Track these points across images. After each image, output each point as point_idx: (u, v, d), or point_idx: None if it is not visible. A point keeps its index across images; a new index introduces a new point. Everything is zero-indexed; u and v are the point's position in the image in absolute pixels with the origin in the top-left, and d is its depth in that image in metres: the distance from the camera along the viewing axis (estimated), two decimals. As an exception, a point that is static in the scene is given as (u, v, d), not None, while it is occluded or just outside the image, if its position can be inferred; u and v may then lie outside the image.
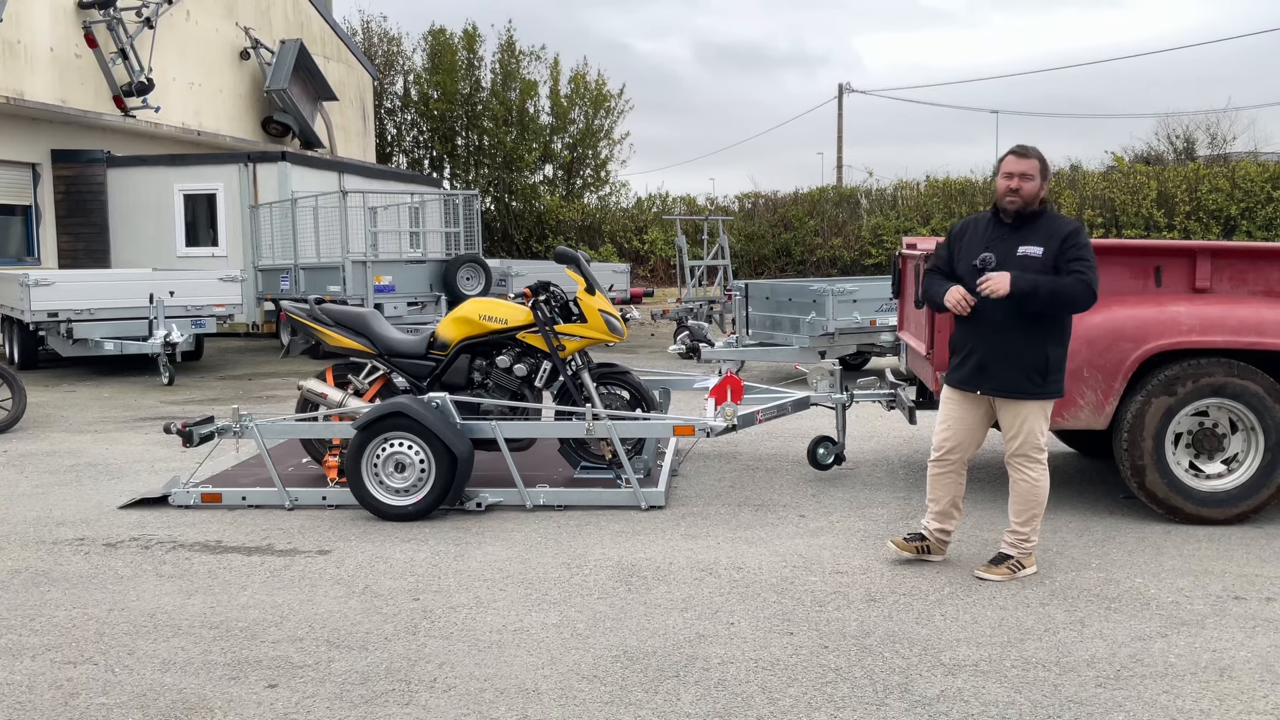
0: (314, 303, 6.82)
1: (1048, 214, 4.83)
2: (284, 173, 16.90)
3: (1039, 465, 4.91)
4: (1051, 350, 4.80)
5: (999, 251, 4.80)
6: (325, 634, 4.36)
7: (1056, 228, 4.77)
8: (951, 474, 5.09)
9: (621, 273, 18.93)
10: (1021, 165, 4.74)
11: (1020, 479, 4.94)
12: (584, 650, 4.16)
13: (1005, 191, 4.78)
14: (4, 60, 16.40)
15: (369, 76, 27.77)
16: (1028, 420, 4.86)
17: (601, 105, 32.15)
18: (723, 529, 5.82)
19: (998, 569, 4.96)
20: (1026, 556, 5.01)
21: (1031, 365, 4.77)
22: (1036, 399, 4.84)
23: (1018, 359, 4.77)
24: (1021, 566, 4.98)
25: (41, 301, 12.05)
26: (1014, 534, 5.01)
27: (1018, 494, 4.97)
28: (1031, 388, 4.80)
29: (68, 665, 4.06)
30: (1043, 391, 4.82)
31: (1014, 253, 4.76)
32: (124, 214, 17.88)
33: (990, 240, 4.87)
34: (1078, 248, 4.71)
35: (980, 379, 4.88)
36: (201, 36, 20.99)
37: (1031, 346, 4.77)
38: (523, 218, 30.93)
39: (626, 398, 6.72)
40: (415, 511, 5.98)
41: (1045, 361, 4.78)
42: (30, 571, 5.21)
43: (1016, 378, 4.79)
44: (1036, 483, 4.92)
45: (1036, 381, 4.79)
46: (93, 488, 7.02)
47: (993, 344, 4.80)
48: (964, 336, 4.94)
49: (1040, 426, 4.88)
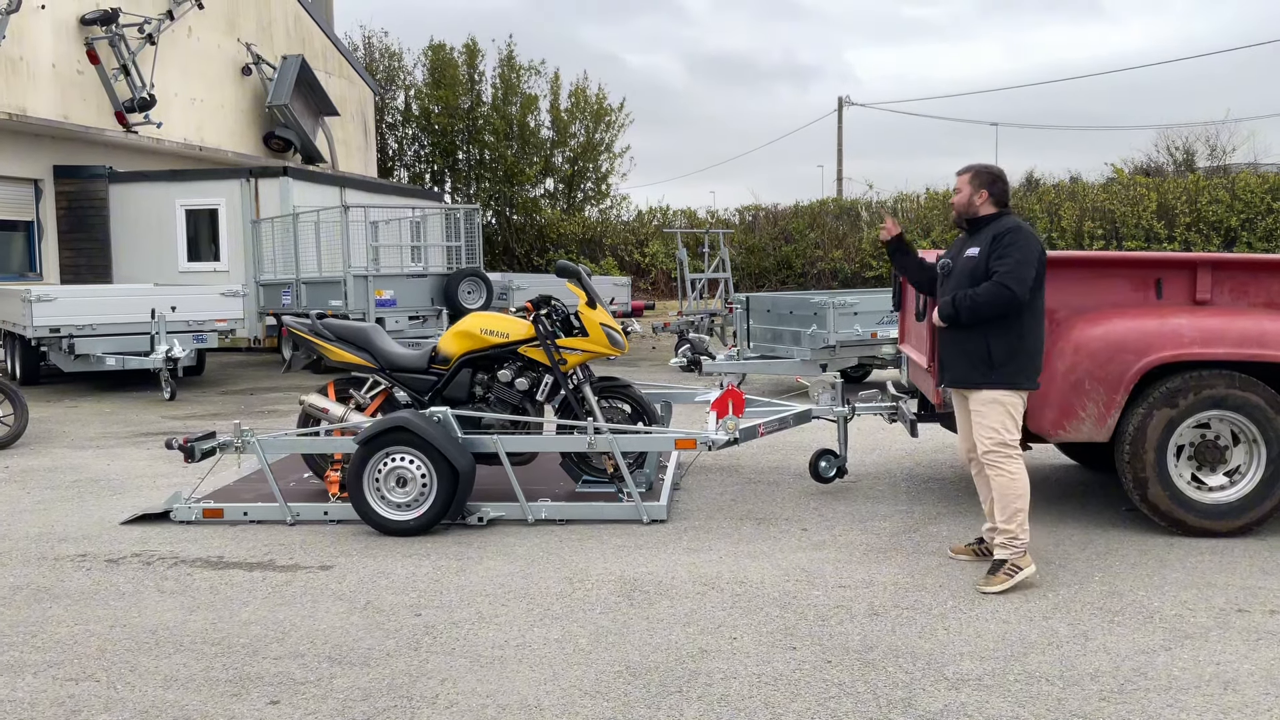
0: (315, 318, 6.83)
1: (997, 219, 5.15)
2: (285, 188, 16.92)
3: (1010, 460, 5.07)
4: (994, 341, 5.03)
5: (954, 255, 5.28)
6: (327, 650, 4.35)
7: (994, 229, 5.10)
8: (981, 474, 5.35)
9: (623, 286, 18.95)
10: (957, 181, 5.29)
11: (994, 475, 5.10)
12: (586, 666, 4.15)
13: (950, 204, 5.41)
14: (6, 77, 16.45)
15: (370, 91, 27.85)
16: (984, 413, 5.09)
17: (602, 119, 32.22)
18: (725, 543, 5.81)
19: (996, 578, 5.01)
20: (1020, 556, 5.07)
21: (975, 355, 5.08)
22: (986, 388, 5.08)
23: (962, 350, 5.14)
24: (1019, 568, 5.03)
25: (43, 317, 12.06)
26: (1001, 534, 5.11)
27: (997, 490, 5.12)
28: (979, 377, 5.08)
29: (69, 682, 4.06)
30: (989, 381, 5.06)
31: (962, 254, 5.19)
32: (126, 229, 17.91)
33: (956, 248, 5.35)
34: (1002, 248, 5.00)
35: (943, 373, 5.33)
36: (203, 52, 21.05)
37: (974, 337, 5.08)
38: (524, 231, 30.98)
39: (628, 411, 6.72)
40: (417, 526, 5.97)
41: (988, 351, 5.04)
42: (32, 588, 5.20)
43: (964, 368, 5.15)
44: (1012, 477, 5.07)
45: (983, 371, 5.07)
46: (95, 504, 7.02)
47: (945, 340, 5.27)
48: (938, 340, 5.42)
49: (1001, 421, 5.07)
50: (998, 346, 5.03)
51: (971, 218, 5.23)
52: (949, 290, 5.19)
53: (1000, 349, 5.03)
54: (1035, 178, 34.35)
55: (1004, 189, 5.22)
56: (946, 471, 7.62)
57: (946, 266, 5.29)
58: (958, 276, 5.17)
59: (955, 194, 5.29)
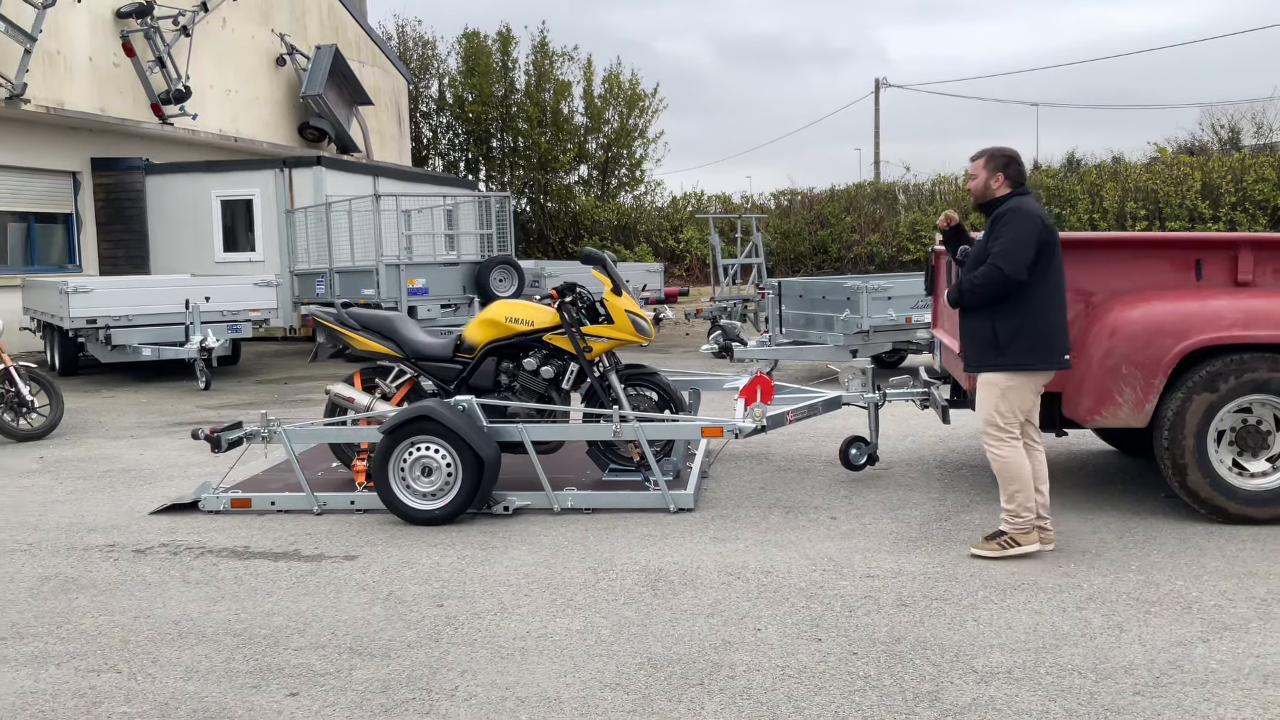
0: (340, 307, 6.81)
1: (1005, 202, 5.13)
2: (319, 177, 16.98)
3: (1001, 443, 5.13)
4: (998, 324, 5.05)
5: (977, 242, 5.28)
6: (348, 641, 4.33)
7: (995, 214, 5.12)
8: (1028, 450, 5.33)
9: (655, 272, 18.85)
10: (970, 168, 5.29)
11: (990, 457, 5.21)
12: (608, 658, 4.10)
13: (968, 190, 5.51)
14: (44, 71, 16.60)
15: (404, 80, 27.89)
16: (984, 395, 5.15)
17: (635, 105, 32.08)
18: (752, 532, 5.73)
19: (990, 544, 5.16)
20: (1022, 534, 5.14)
21: (982, 339, 5.11)
22: (991, 371, 5.12)
23: (971, 334, 5.18)
24: (1016, 543, 5.13)
25: (80, 308, 12.18)
26: (1005, 511, 5.20)
27: (995, 471, 5.21)
28: (985, 360, 5.12)
29: (91, 673, 4.06)
30: (995, 364, 5.09)
31: (978, 241, 5.24)
32: (163, 220, 18.06)
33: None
34: (997, 230, 5.04)
35: (964, 361, 5.32)
36: (238, 44, 21.16)
37: (980, 320, 5.11)
38: (558, 219, 30.96)
39: (655, 399, 6.64)
40: (442, 516, 5.95)
41: (993, 334, 5.06)
42: (60, 578, 5.23)
43: (973, 352, 5.19)
44: (1003, 459, 5.13)
45: (989, 354, 5.09)
46: (125, 493, 7.06)
47: (960, 326, 5.30)
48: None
49: (996, 403, 5.11)
50: (1002, 329, 5.06)
51: (989, 202, 5.20)
52: (964, 272, 5.23)
53: (1005, 331, 5.05)
54: (1076, 158, 33.83)
55: (1020, 170, 5.22)
56: (980, 458, 7.48)
57: (966, 253, 5.32)
58: (971, 261, 5.21)
59: (971, 180, 5.28)
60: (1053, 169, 31.06)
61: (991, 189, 5.19)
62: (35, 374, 9.23)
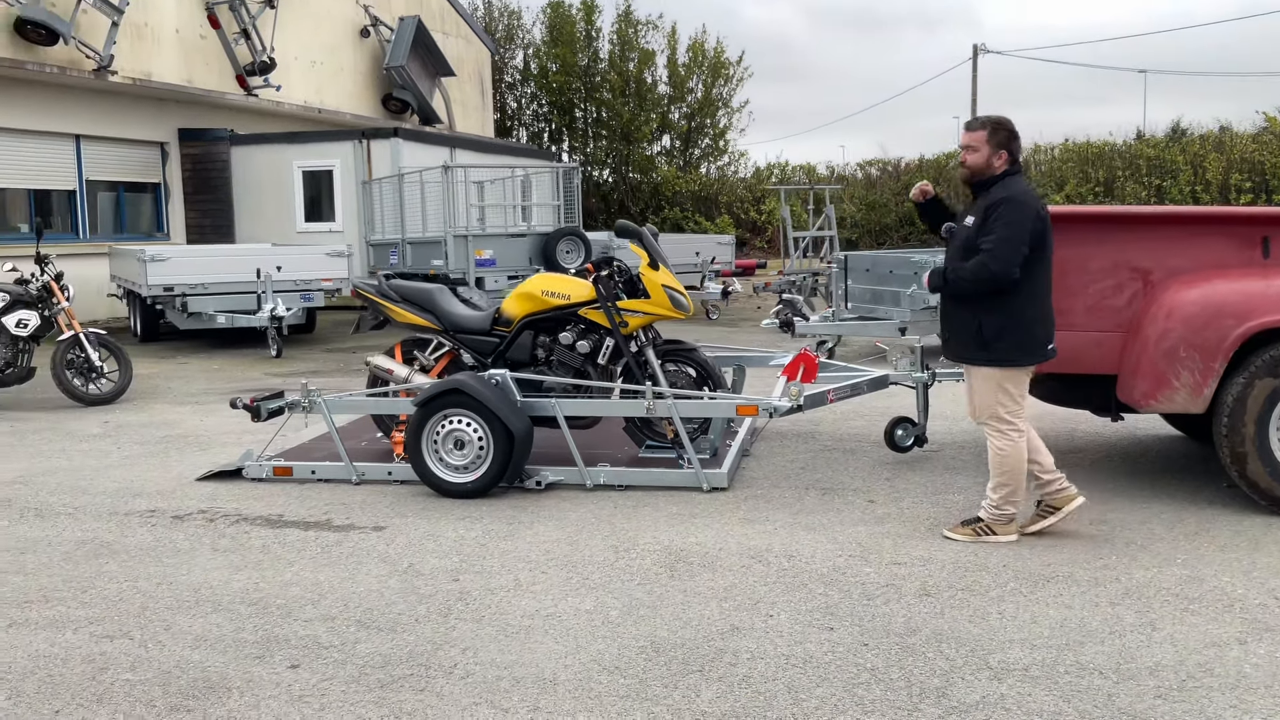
0: (382, 278, 6.83)
1: (1000, 182, 4.86)
2: (396, 148, 17.13)
3: (1003, 436, 4.97)
4: (984, 319, 4.86)
5: (958, 221, 5.02)
6: (359, 614, 4.33)
7: (990, 198, 4.83)
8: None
9: (726, 244, 18.64)
10: (967, 138, 4.92)
11: (988, 446, 5.05)
12: (611, 639, 4.03)
13: (960, 164, 5.00)
14: (132, 43, 17.02)
15: (487, 51, 27.98)
16: (978, 388, 5.01)
17: (720, 73, 31.75)
18: (783, 513, 5.60)
19: (963, 529, 5.08)
20: (999, 524, 5.04)
21: (968, 333, 4.93)
22: (981, 365, 4.95)
23: (957, 328, 5.00)
24: (991, 532, 5.03)
25: (157, 276, 12.50)
26: (988, 500, 5.07)
27: (989, 462, 5.06)
28: (974, 354, 4.95)
29: (105, 639, 4.13)
30: (984, 359, 4.92)
31: (963, 222, 4.95)
32: (247, 190, 18.43)
33: (967, 207, 5.07)
34: (991, 223, 4.77)
35: (946, 348, 5.16)
36: (323, 15, 21.43)
37: (965, 316, 4.93)
38: (639, 190, 30.85)
39: (693, 375, 6.52)
40: (474, 489, 5.93)
41: (979, 329, 4.88)
42: (96, 543, 5.35)
43: (959, 345, 5.02)
44: (1001, 452, 4.98)
45: (974, 349, 4.94)
46: (178, 459, 7.21)
47: (943, 315, 5.11)
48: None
49: (995, 397, 4.95)
50: (988, 325, 4.87)
51: (986, 180, 4.91)
52: (947, 259, 5.03)
53: (990, 327, 4.87)
54: (1182, 127, 32.52)
55: (1019, 147, 4.96)
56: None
57: (951, 230, 5.07)
58: (955, 245, 4.99)
59: (969, 152, 4.90)
60: (1154, 139, 29.93)
61: (993, 166, 4.88)
62: (105, 340, 9.48)
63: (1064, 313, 5.64)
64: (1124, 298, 5.59)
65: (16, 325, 9.03)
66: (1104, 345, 5.62)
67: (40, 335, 9.24)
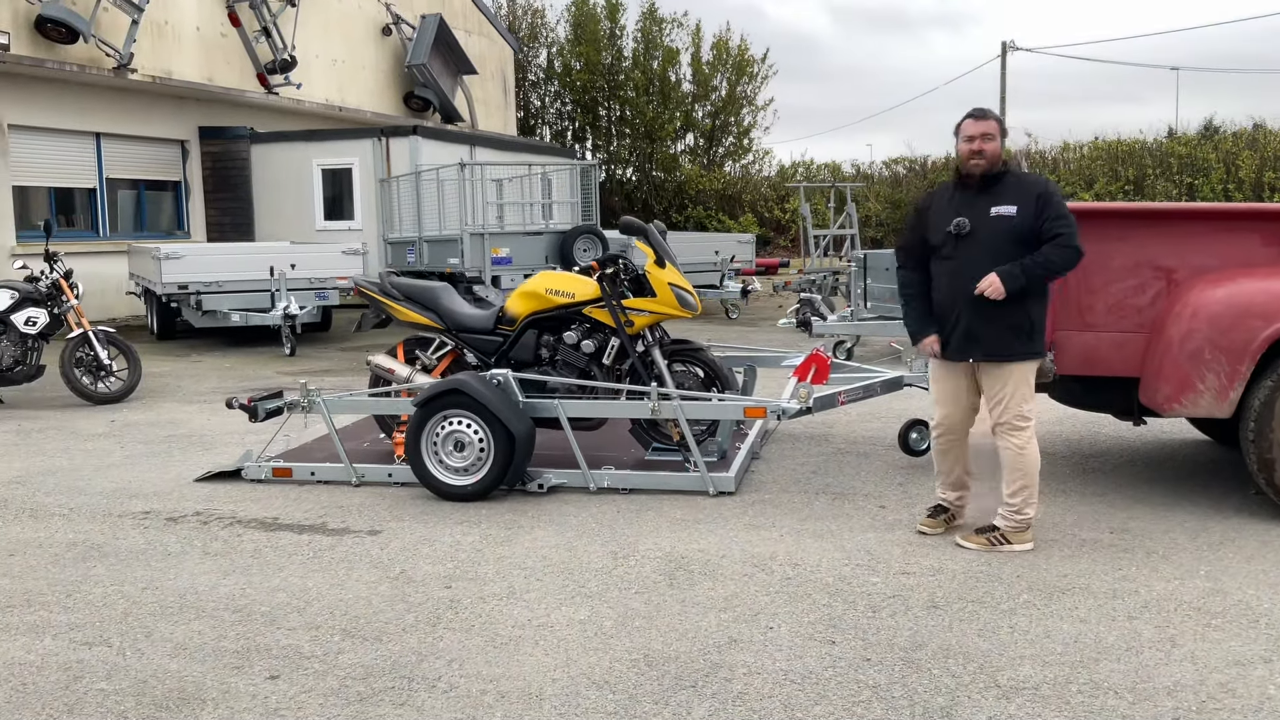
0: (383, 276, 6.70)
1: (1012, 173, 4.82)
2: (415, 146, 17.05)
3: (1024, 433, 4.83)
4: (1034, 309, 4.77)
5: (971, 215, 4.77)
6: (344, 622, 4.19)
7: (1027, 186, 4.76)
8: (957, 447, 5.09)
9: (746, 243, 18.42)
10: (982, 126, 4.74)
11: (1006, 447, 4.86)
12: (603, 652, 3.87)
13: (969, 155, 4.76)
14: (153, 40, 17.02)
15: (510, 49, 27.87)
16: (1011, 384, 4.80)
17: (744, 71, 31.52)
18: (790, 519, 5.42)
19: (977, 538, 4.90)
20: (1016, 532, 4.88)
21: (1018, 326, 4.74)
22: (1023, 360, 4.79)
23: (1004, 321, 4.73)
24: (1006, 541, 4.87)
25: (172, 274, 12.45)
26: (1006, 506, 4.91)
27: (1006, 464, 4.88)
28: (1020, 348, 4.77)
29: (83, 646, 4.01)
30: (1029, 351, 4.79)
31: (987, 214, 4.75)
32: (267, 188, 18.40)
33: (960, 206, 4.82)
34: (1055, 207, 4.69)
35: (970, 347, 4.82)
36: (344, 13, 21.39)
37: (1016, 307, 4.72)
38: (663, 188, 30.67)
39: (701, 376, 6.35)
40: (474, 492, 5.79)
41: (1030, 321, 4.76)
42: (86, 545, 5.24)
43: (1005, 340, 4.76)
44: (1023, 450, 4.83)
45: (1024, 341, 4.77)
46: (180, 459, 7.11)
47: (979, 309, 4.74)
48: (948, 306, 4.87)
49: (1025, 392, 4.82)
50: (1037, 314, 4.79)
51: (996, 173, 4.77)
52: (978, 254, 4.71)
53: (1039, 317, 4.81)
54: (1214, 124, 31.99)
55: None
56: (1059, 447, 7.00)
57: (962, 226, 4.76)
58: (991, 239, 4.72)
59: (986, 141, 4.71)
60: (1186, 136, 29.48)
61: (1000, 157, 4.79)
62: (114, 338, 9.41)
63: (1084, 312, 5.45)
64: (1147, 297, 5.38)
65: (25, 323, 8.97)
66: (1126, 346, 5.41)
67: (49, 333, 9.18)
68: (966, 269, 4.74)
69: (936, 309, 4.94)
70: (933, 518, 5.18)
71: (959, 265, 4.77)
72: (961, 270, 4.76)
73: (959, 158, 4.87)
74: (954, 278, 4.80)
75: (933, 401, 5.16)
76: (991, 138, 4.73)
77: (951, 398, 5.02)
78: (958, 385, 4.98)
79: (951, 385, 5.00)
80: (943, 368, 5.01)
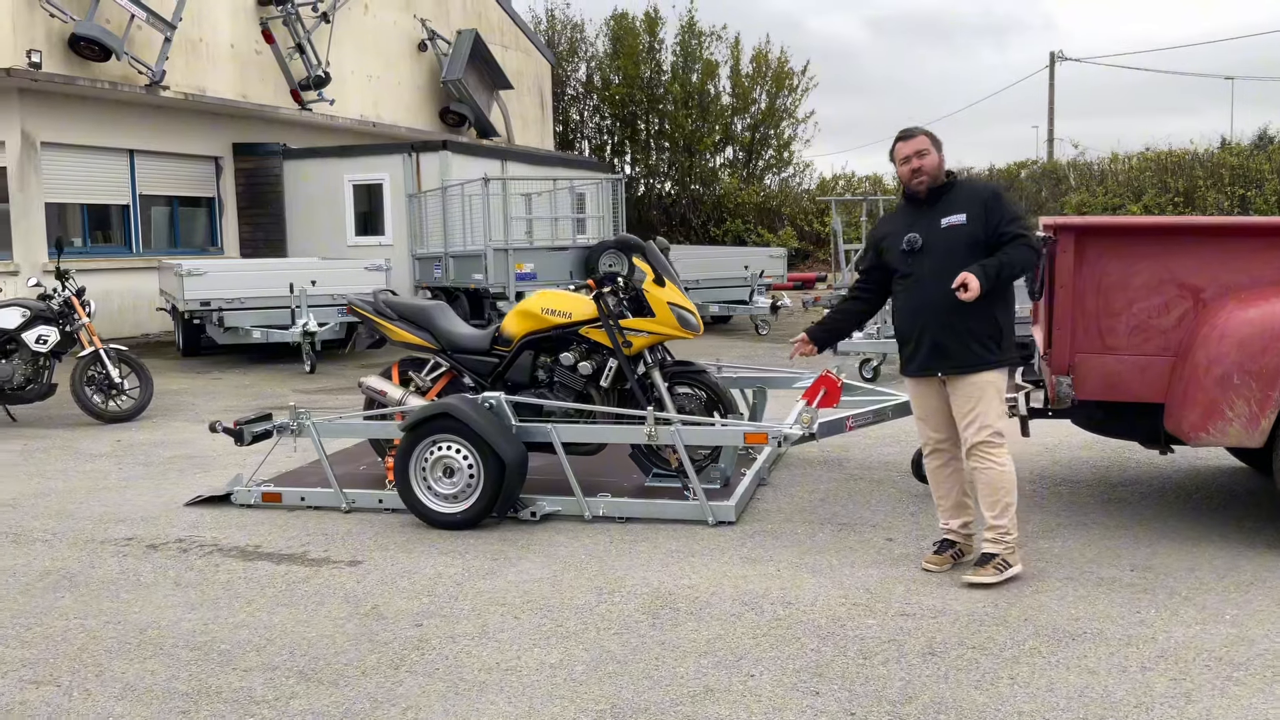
0: (376, 295, 6.52)
1: (959, 183, 4.76)
2: (445, 161, 16.94)
3: (1001, 449, 4.63)
4: (1001, 316, 4.66)
5: (924, 229, 4.68)
6: (303, 663, 3.98)
7: (974, 193, 4.71)
8: (954, 464, 4.88)
9: (778, 258, 18.08)
10: (913, 145, 4.67)
11: (986, 467, 4.65)
12: (569, 700, 3.62)
13: (909, 175, 4.70)
14: (187, 58, 17.09)
15: (548, 64, 27.81)
16: (984, 398, 4.62)
17: (783, 84, 31.19)
18: (790, 552, 5.13)
19: (985, 570, 4.62)
20: (1011, 553, 4.68)
21: (985, 334, 4.61)
22: (993, 369, 4.63)
23: (971, 331, 4.60)
24: (1008, 564, 4.65)
25: (194, 291, 12.41)
26: (992, 529, 4.68)
27: (985, 484, 4.66)
28: (989, 356, 4.62)
29: (31, 685, 3.83)
30: (998, 360, 4.65)
31: (938, 226, 4.66)
32: (299, 204, 18.38)
33: (913, 222, 4.74)
34: (1005, 210, 4.64)
35: (937, 361, 4.67)
36: (379, 29, 21.41)
37: (983, 314, 4.59)
38: (701, 201, 30.41)
39: (704, 399, 6.09)
40: (463, 520, 5.57)
41: (998, 328, 4.63)
42: (60, 573, 5.08)
43: (974, 349, 4.61)
44: (1004, 468, 4.64)
45: (993, 349, 4.63)
46: (175, 482, 6.97)
47: (944, 322, 4.61)
48: (910, 322, 4.74)
49: (998, 406, 4.66)
50: (1005, 321, 4.66)
51: (942, 185, 4.70)
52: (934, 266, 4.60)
53: (1006, 323, 4.67)
54: (1269, 135, 31.14)
55: None
56: (1085, 474, 6.64)
57: (914, 241, 4.67)
58: (946, 250, 4.60)
59: (921, 158, 4.64)
60: (1238, 146, 28.71)
61: (942, 169, 4.71)
62: (125, 356, 9.34)
63: (1106, 334, 5.12)
64: (1172, 318, 5.04)
65: (37, 341, 8.92)
66: (1149, 370, 5.07)
67: (61, 351, 9.12)
68: (925, 283, 4.64)
69: (900, 327, 4.83)
70: (938, 554, 4.88)
71: (916, 280, 4.67)
72: (920, 285, 4.66)
73: (901, 180, 4.80)
74: (913, 293, 4.70)
75: (916, 422, 4.97)
76: (926, 153, 4.66)
77: (934, 413, 4.84)
78: (936, 401, 4.81)
79: (929, 403, 4.84)
80: (917, 386, 4.86)
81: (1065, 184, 29.52)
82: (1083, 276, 5.11)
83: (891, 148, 4.77)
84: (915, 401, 4.94)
